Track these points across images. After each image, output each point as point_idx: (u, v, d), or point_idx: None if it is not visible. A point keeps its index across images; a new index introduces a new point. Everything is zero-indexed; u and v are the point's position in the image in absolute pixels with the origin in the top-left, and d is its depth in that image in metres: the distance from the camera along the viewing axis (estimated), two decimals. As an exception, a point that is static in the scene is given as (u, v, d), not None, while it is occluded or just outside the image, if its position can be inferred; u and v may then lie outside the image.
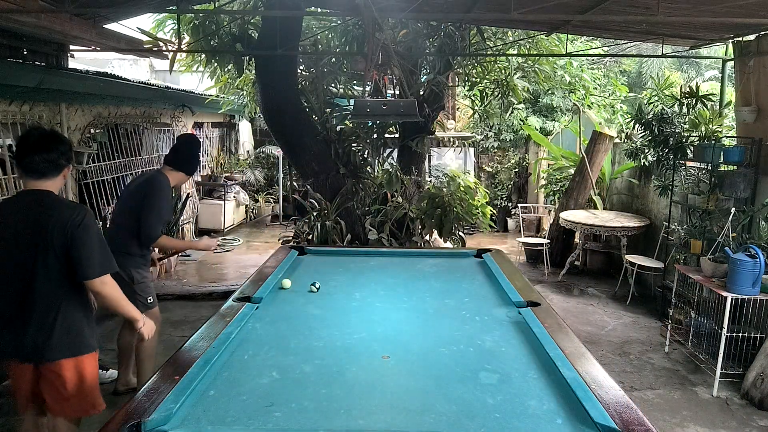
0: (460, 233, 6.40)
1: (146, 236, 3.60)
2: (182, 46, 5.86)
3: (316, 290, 3.27)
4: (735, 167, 5.05)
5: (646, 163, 6.56)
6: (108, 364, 4.32)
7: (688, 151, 5.57)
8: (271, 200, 11.20)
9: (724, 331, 4.16)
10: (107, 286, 2.54)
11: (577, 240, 7.71)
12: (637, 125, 6.18)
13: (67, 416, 2.69)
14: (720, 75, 6.67)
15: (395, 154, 7.53)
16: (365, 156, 6.97)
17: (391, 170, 6.49)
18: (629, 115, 8.49)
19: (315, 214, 6.12)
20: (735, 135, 5.36)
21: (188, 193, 8.62)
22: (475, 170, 10.58)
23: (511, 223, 10.31)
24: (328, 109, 6.90)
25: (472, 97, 8.55)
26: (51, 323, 2.51)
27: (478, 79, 7.44)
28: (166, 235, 4.01)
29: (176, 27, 5.73)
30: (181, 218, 7.98)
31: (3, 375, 3.87)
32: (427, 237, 6.27)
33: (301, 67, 7.11)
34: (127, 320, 3.83)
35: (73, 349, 2.57)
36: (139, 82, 7.05)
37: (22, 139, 2.55)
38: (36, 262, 2.44)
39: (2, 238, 2.50)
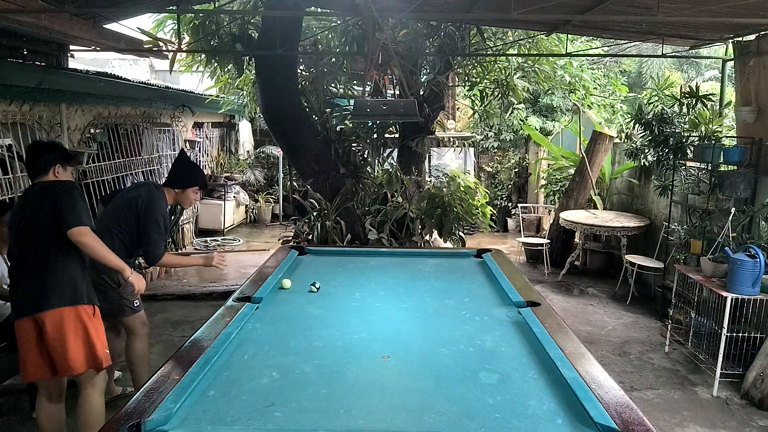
0: (460, 233, 6.40)
1: (151, 256, 3.60)
2: (182, 46, 5.86)
3: (316, 290, 3.27)
4: (735, 167, 5.05)
5: (646, 163, 6.56)
6: None
7: (688, 151, 5.56)
8: (271, 200, 11.20)
9: (724, 331, 4.16)
10: (86, 236, 2.86)
11: (577, 240, 7.71)
12: (637, 125, 6.18)
13: (73, 367, 2.92)
14: (720, 75, 6.67)
15: (395, 154, 7.53)
16: (365, 156, 6.97)
17: (391, 170, 6.49)
18: (629, 115, 8.49)
19: (315, 214, 6.12)
20: (735, 135, 5.36)
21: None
22: (475, 170, 10.58)
23: (511, 223, 10.31)
24: (328, 109, 6.90)
25: (472, 97, 8.55)
26: (44, 276, 2.88)
27: (478, 79, 7.44)
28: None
29: (176, 27, 5.73)
30: (181, 218, 7.99)
31: (3, 375, 3.87)
32: (427, 237, 6.27)
33: (301, 67, 7.11)
34: (111, 325, 3.86)
35: (66, 298, 2.89)
36: (139, 82, 7.05)
37: (26, 151, 3.18)
38: (31, 233, 2.90)
39: (15, 225, 2.97)
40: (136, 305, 3.73)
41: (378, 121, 6.80)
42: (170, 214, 3.81)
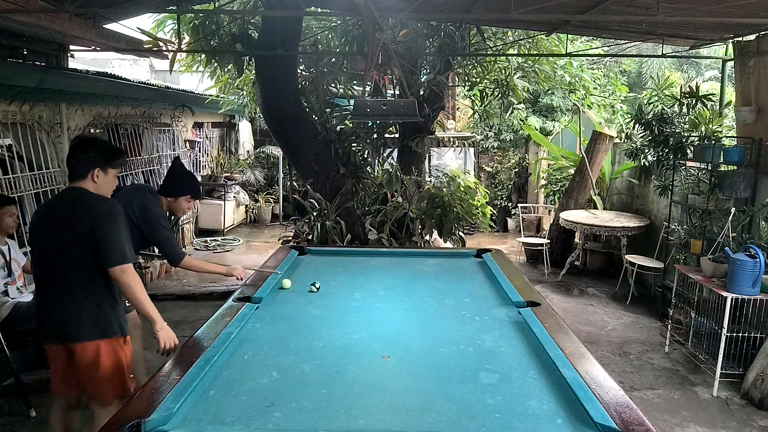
0: (460, 233, 6.40)
1: (171, 256, 3.52)
2: (182, 46, 5.86)
3: (316, 290, 3.27)
4: (735, 167, 5.05)
5: (646, 163, 6.56)
6: None
7: (688, 151, 5.56)
8: (271, 200, 11.21)
9: (724, 331, 4.16)
10: (126, 275, 2.64)
11: (577, 240, 7.71)
12: (637, 125, 6.18)
13: (103, 398, 2.78)
14: (720, 75, 6.67)
15: (395, 154, 7.53)
16: (365, 156, 6.97)
17: (391, 170, 6.48)
18: (629, 115, 8.49)
19: (315, 214, 6.12)
20: (735, 135, 5.36)
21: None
22: (475, 170, 10.58)
23: (511, 223, 10.31)
24: (328, 109, 6.90)
25: (472, 97, 8.55)
26: (73, 303, 2.65)
27: (478, 79, 7.44)
28: None
29: (176, 27, 5.73)
30: (181, 218, 7.99)
31: (3, 375, 3.88)
32: (427, 237, 6.27)
33: (301, 67, 7.10)
34: None
35: (97, 331, 2.68)
36: (139, 82, 7.05)
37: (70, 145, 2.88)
38: (60, 248, 2.63)
39: (41, 230, 2.71)
40: (128, 305, 3.71)
41: (378, 121, 6.79)
42: (170, 215, 3.80)
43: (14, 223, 3.95)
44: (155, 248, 3.79)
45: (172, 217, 3.83)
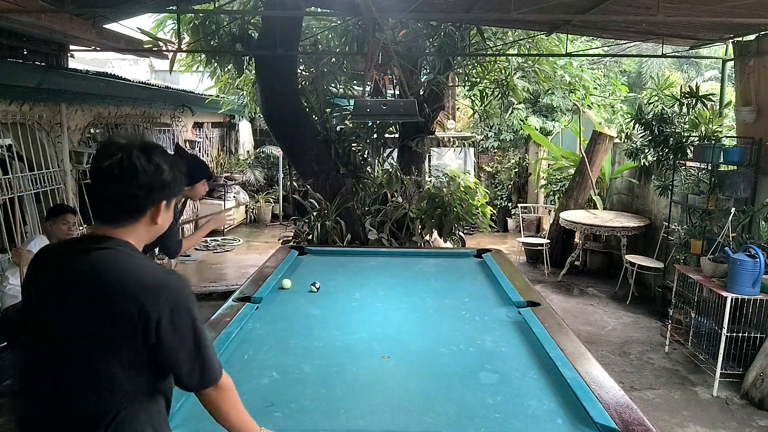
0: (460, 233, 6.40)
1: (170, 251, 3.50)
2: (182, 46, 5.86)
3: (316, 290, 3.27)
4: (735, 167, 5.05)
5: (646, 163, 6.56)
6: None
7: (688, 151, 5.57)
8: (271, 200, 11.21)
9: (724, 331, 4.16)
10: (224, 392, 1.63)
11: (577, 240, 7.71)
12: (637, 125, 6.18)
13: None
14: (720, 75, 6.67)
15: (395, 154, 7.53)
16: (365, 156, 6.97)
17: (391, 170, 6.49)
18: (629, 115, 8.49)
19: (315, 214, 6.11)
20: (735, 135, 5.36)
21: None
22: (475, 170, 10.58)
23: (511, 223, 10.31)
24: (328, 109, 6.90)
25: (472, 97, 8.54)
26: None
27: (478, 79, 7.44)
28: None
29: (176, 27, 5.73)
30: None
31: (3, 375, 3.87)
32: (427, 237, 6.27)
33: (301, 67, 7.11)
34: None
35: None
36: (139, 82, 7.05)
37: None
38: (78, 348, 1.41)
39: (39, 305, 1.47)
40: None
41: (378, 121, 6.80)
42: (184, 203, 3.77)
43: (69, 231, 3.86)
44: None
45: (177, 208, 3.76)
